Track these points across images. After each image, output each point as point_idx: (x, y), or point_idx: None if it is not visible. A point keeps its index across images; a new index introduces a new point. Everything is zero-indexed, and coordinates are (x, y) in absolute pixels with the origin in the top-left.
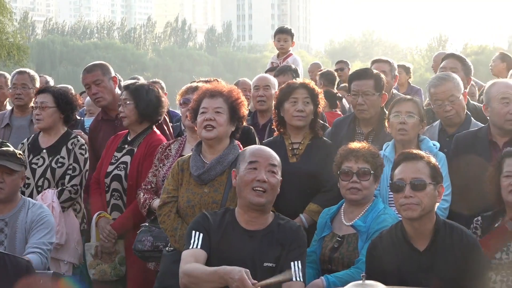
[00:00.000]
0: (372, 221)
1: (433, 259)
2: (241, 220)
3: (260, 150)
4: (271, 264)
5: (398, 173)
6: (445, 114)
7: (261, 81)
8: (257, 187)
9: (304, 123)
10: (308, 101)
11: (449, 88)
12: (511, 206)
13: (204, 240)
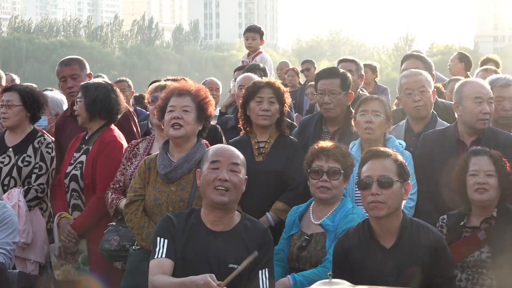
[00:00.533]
0: (340, 220)
1: (400, 256)
2: (207, 221)
3: (221, 150)
4: (237, 266)
5: (365, 171)
6: (414, 104)
7: (246, 81)
8: (219, 186)
9: (270, 122)
10: (274, 101)
11: (420, 79)
12: (477, 205)
13: (169, 247)
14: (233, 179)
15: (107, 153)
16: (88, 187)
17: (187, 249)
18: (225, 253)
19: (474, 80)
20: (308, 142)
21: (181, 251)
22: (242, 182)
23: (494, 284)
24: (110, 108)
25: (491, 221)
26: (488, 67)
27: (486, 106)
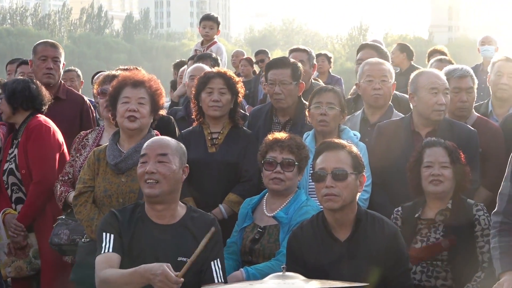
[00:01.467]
0: (294, 212)
1: (355, 249)
2: (151, 215)
3: (150, 142)
4: (186, 259)
5: (320, 163)
6: (373, 92)
7: (197, 71)
8: (148, 179)
9: (221, 113)
10: (225, 91)
11: (383, 68)
12: (431, 196)
13: (115, 241)
14: (161, 170)
15: (34, 137)
16: (25, 177)
17: (134, 244)
18: (173, 246)
19: (429, 71)
20: (259, 133)
21: (128, 247)
22: (173, 171)
23: (449, 276)
24: (32, 98)
25: (446, 213)
26: (442, 57)
27: (442, 97)
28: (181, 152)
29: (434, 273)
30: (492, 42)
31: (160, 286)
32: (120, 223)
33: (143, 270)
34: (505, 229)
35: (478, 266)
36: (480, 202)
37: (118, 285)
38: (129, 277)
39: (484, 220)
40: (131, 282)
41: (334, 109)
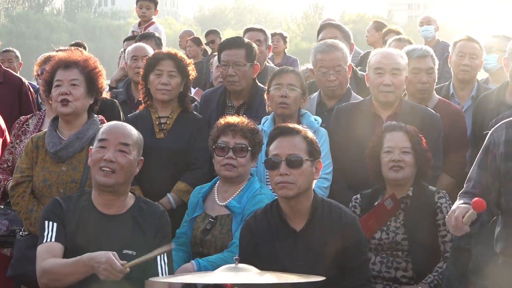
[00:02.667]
0: (247, 201)
1: (311, 239)
2: (98, 204)
3: (111, 127)
4: (131, 252)
5: (273, 149)
6: (328, 84)
7: (140, 51)
8: (104, 166)
9: (169, 97)
10: (175, 74)
11: (337, 57)
12: (392, 183)
13: (58, 230)
14: (120, 160)
15: None
16: None
17: (78, 234)
18: (119, 237)
19: (380, 51)
20: (211, 117)
21: (72, 237)
22: (132, 163)
23: (409, 267)
24: None
25: (407, 201)
26: (401, 36)
27: (388, 77)
28: (140, 144)
29: (394, 264)
30: (432, 21)
31: (104, 275)
32: (63, 212)
33: (87, 259)
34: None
35: (440, 256)
36: (442, 189)
37: (61, 275)
38: (73, 267)
39: (446, 208)
40: (74, 271)
41: (295, 91)
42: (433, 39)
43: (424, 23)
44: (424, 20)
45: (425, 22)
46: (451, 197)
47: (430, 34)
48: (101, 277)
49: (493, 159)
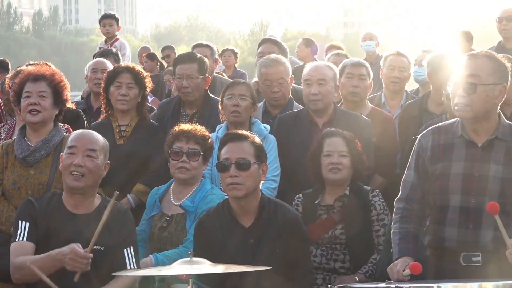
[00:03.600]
0: (200, 201)
1: (259, 234)
2: (68, 204)
3: (79, 135)
4: (99, 247)
5: (224, 153)
6: (272, 95)
7: (98, 65)
8: (74, 171)
9: (128, 107)
10: (132, 86)
11: (280, 71)
12: (331, 183)
13: (30, 230)
14: (88, 164)
15: None
16: None
17: (49, 232)
18: (88, 234)
19: (309, 64)
20: (167, 125)
21: (44, 234)
22: (99, 167)
23: (346, 258)
24: None
25: (344, 199)
26: (339, 51)
27: (316, 87)
28: (106, 149)
29: (333, 256)
30: (373, 37)
31: (71, 264)
32: (36, 211)
33: (55, 253)
34: (406, 216)
35: (374, 249)
36: (375, 188)
37: (33, 271)
38: (43, 262)
39: (379, 205)
40: (44, 266)
41: (246, 101)
42: (374, 53)
43: (366, 39)
44: (367, 36)
45: (367, 38)
46: (383, 195)
47: (372, 49)
48: (69, 268)
49: (422, 162)
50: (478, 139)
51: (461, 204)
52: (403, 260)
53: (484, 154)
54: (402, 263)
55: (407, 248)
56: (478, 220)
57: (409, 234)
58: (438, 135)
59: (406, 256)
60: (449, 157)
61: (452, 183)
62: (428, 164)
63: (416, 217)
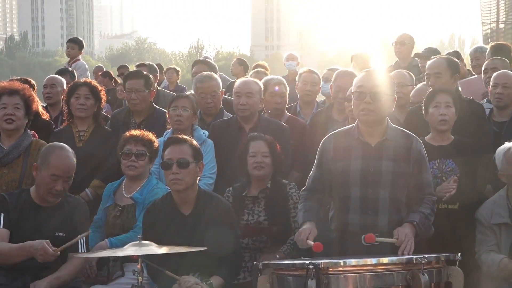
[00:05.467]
0: (147, 193)
1: (196, 221)
2: (35, 198)
3: (62, 165)
4: (62, 234)
5: (167, 154)
6: (206, 105)
7: (48, 81)
8: (54, 194)
9: (86, 114)
10: (89, 97)
11: (212, 85)
12: (255, 179)
13: (5, 219)
14: (66, 187)
15: None
16: None
17: (20, 223)
18: (53, 223)
19: (240, 80)
20: (119, 130)
21: (15, 225)
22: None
23: (269, 240)
24: None
25: (266, 191)
26: (259, 69)
27: (244, 99)
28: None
29: (258, 238)
30: (294, 58)
31: (41, 258)
32: (8, 205)
33: (28, 246)
34: (309, 198)
35: (291, 231)
36: (292, 182)
37: (8, 257)
38: (17, 251)
39: (295, 196)
40: (18, 255)
41: (188, 111)
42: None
43: (289, 59)
44: (289, 57)
45: (290, 58)
46: (299, 187)
47: (293, 68)
48: (39, 260)
49: (325, 161)
50: (372, 140)
51: (360, 195)
52: (306, 227)
53: (377, 152)
54: (306, 230)
55: (309, 216)
56: (375, 207)
57: (312, 208)
58: (339, 139)
59: (309, 222)
60: (348, 156)
61: (352, 178)
62: (331, 163)
63: (317, 200)
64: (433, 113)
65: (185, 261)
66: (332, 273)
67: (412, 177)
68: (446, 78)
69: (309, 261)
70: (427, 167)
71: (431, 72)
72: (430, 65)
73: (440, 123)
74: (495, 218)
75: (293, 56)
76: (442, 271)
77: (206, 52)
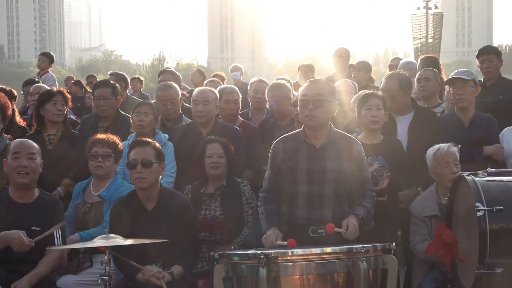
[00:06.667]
0: (113, 191)
1: (158, 215)
2: (14, 196)
3: (21, 143)
4: (38, 228)
5: (132, 155)
6: (166, 111)
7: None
8: (20, 171)
9: (60, 119)
10: (63, 103)
11: (172, 93)
12: (212, 177)
13: None
14: (31, 164)
15: None
16: None
17: (1, 218)
18: (29, 218)
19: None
20: (88, 134)
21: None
22: (38, 166)
23: (224, 232)
24: None
25: (222, 189)
26: (214, 79)
27: (201, 106)
28: (40, 152)
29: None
30: (238, 69)
31: (16, 248)
32: None
33: (5, 235)
34: (268, 201)
35: (244, 225)
36: (245, 180)
37: None
38: None
39: (248, 193)
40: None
41: (149, 117)
42: (239, 80)
43: (233, 70)
44: (233, 68)
45: (234, 69)
46: (251, 185)
47: (237, 78)
48: (14, 249)
49: (276, 163)
50: (317, 142)
51: (307, 191)
52: (273, 232)
53: (321, 153)
54: (273, 234)
55: (273, 221)
56: (320, 202)
57: (272, 212)
58: (288, 142)
59: (274, 227)
60: (296, 157)
61: (299, 176)
62: (281, 163)
63: (275, 201)
64: (365, 114)
65: (149, 252)
66: (281, 262)
67: (353, 175)
68: (400, 98)
69: (261, 251)
70: (366, 166)
71: (386, 95)
72: (385, 88)
73: (372, 124)
74: (426, 211)
75: (237, 67)
76: (379, 259)
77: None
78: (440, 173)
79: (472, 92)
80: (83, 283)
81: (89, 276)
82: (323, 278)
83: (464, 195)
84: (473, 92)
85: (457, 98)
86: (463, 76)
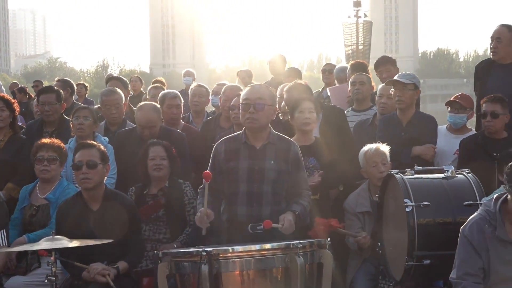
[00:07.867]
0: (60, 194)
1: (103, 216)
2: None
3: None
4: None
5: (78, 157)
6: (111, 116)
7: None
8: None
9: (3, 124)
10: (4, 109)
11: (115, 98)
12: (155, 179)
13: None
14: None
15: None
16: None
17: None
18: None
19: None
20: (33, 139)
21: None
22: None
23: (167, 231)
24: None
25: (165, 190)
26: (157, 85)
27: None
28: None
29: (158, 230)
30: (191, 74)
31: None
32: None
33: None
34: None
35: (187, 224)
36: (188, 180)
37: None
38: None
39: (190, 193)
40: None
41: (88, 120)
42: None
43: (186, 75)
44: (186, 74)
45: (186, 74)
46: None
47: (189, 82)
48: None
49: (217, 163)
50: (257, 143)
51: (247, 190)
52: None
53: (261, 154)
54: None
55: None
56: (259, 200)
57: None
58: (229, 143)
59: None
60: (237, 157)
61: (240, 175)
62: (222, 163)
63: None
64: (298, 117)
65: (94, 251)
66: (223, 259)
67: (291, 175)
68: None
69: (203, 249)
70: (303, 166)
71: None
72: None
73: (304, 125)
74: (359, 207)
75: (190, 72)
76: (315, 254)
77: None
78: (369, 172)
79: (411, 95)
80: (31, 283)
81: (37, 277)
82: (262, 273)
83: (393, 192)
84: (412, 94)
85: (396, 99)
86: (403, 80)
